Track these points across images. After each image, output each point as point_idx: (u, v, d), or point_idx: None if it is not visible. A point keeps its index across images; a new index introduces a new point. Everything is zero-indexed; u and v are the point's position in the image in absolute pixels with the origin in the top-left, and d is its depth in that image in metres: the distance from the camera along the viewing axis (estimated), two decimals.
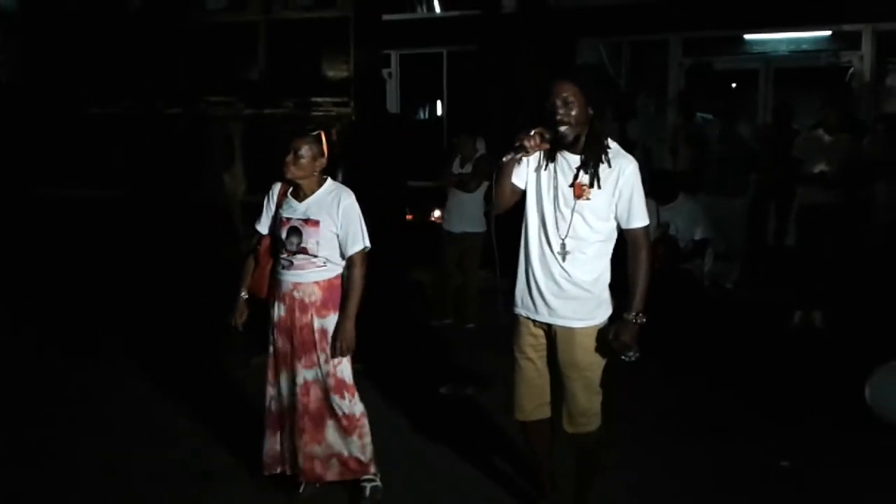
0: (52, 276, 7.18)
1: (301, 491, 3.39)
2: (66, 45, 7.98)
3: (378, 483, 3.38)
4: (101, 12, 7.81)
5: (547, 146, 2.82)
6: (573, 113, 2.76)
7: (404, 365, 5.02)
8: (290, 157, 3.21)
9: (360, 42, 7.18)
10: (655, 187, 5.46)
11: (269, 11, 7.35)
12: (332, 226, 3.22)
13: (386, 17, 8.44)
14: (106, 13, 7.81)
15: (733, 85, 9.92)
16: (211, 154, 7.53)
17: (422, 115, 12.42)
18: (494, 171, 2.89)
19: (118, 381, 4.88)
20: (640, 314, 2.83)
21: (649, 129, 8.52)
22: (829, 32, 9.61)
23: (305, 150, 3.20)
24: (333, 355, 3.24)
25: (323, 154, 3.26)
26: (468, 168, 5.90)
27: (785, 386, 4.74)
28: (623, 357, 2.89)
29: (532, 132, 2.77)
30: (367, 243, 3.27)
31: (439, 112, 11.90)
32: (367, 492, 3.35)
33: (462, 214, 5.93)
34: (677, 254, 5.49)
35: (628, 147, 5.87)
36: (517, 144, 2.78)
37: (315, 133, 3.27)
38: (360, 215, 3.27)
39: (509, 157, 2.82)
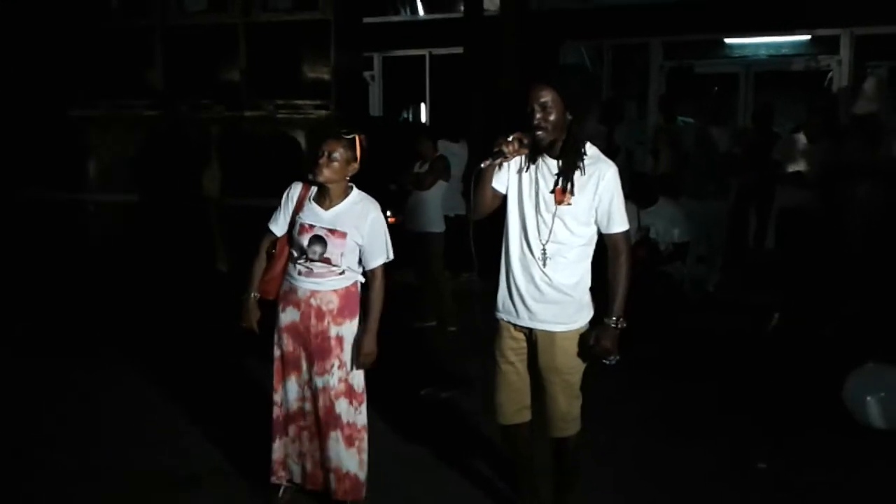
0: (39, 277, 7.10)
1: (280, 494, 3.36)
2: (43, 48, 7.91)
3: None
4: (78, 14, 7.75)
5: (526, 151, 2.82)
6: (551, 118, 2.76)
7: (385, 368, 5.00)
8: (322, 159, 3.08)
9: (340, 45, 7.16)
10: (636, 190, 5.48)
11: (248, 14, 7.31)
12: (357, 237, 3.14)
13: (368, 19, 8.43)
14: (83, 14, 7.75)
15: (715, 88, 9.99)
16: (189, 156, 7.49)
17: (405, 118, 12.43)
18: (473, 176, 2.88)
19: (111, 382, 4.83)
20: (621, 319, 2.83)
21: (631, 133, 8.57)
22: (808, 37, 9.72)
23: (339, 153, 3.09)
24: (354, 367, 3.20)
25: (356, 159, 3.15)
26: (426, 168, 5.92)
27: (764, 388, 4.77)
28: (604, 361, 2.90)
29: (510, 137, 2.77)
30: (391, 255, 3.22)
31: (422, 114, 11.91)
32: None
33: (422, 215, 5.93)
34: (657, 257, 5.52)
35: (612, 151, 5.93)
36: (496, 150, 2.78)
37: (350, 136, 3.13)
38: (386, 227, 3.21)
39: (488, 162, 2.82)
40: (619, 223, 2.84)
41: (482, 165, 2.84)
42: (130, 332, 5.81)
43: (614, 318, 2.82)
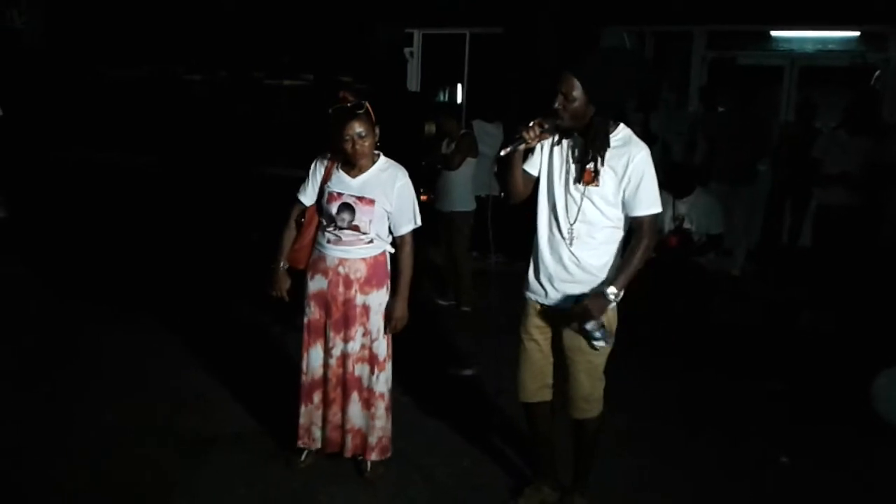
0: (75, 235, 7.23)
1: (302, 458, 3.43)
2: (88, 10, 8.00)
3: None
4: None
5: (548, 136, 2.82)
6: (571, 106, 2.74)
7: (409, 343, 5.05)
8: (353, 144, 3.08)
9: (383, 19, 7.16)
10: (672, 180, 5.42)
11: None
12: (386, 204, 3.17)
13: None
14: None
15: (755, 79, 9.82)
16: (227, 122, 7.55)
17: (442, 96, 12.38)
18: (497, 163, 2.88)
19: (141, 343, 4.91)
20: (618, 293, 2.79)
21: (669, 122, 8.45)
22: (856, 33, 9.49)
23: (365, 129, 3.09)
24: (386, 332, 3.26)
25: (375, 125, 3.16)
26: (453, 147, 5.91)
27: (790, 383, 4.72)
28: (590, 340, 2.81)
29: (531, 123, 2.75)
30: (419, 222, 3.25)
31: (459, 94, 11.85)
32: (369, 465, 3.39)
33: (451, 194, 5.91)
34: (690, 247, 5.46)
35: (649, 139, 5.86)
36: (517, 136, 2.77)
37: (363, 110, 3.12)
38: (413, 194, 3.23)
39: (508, 150, 2.81)
40: (646, 206, 2.79)
41: (501, 153, 2.82)
42: (163, 297, 5.88)
43: (611, 290, 2.77)
